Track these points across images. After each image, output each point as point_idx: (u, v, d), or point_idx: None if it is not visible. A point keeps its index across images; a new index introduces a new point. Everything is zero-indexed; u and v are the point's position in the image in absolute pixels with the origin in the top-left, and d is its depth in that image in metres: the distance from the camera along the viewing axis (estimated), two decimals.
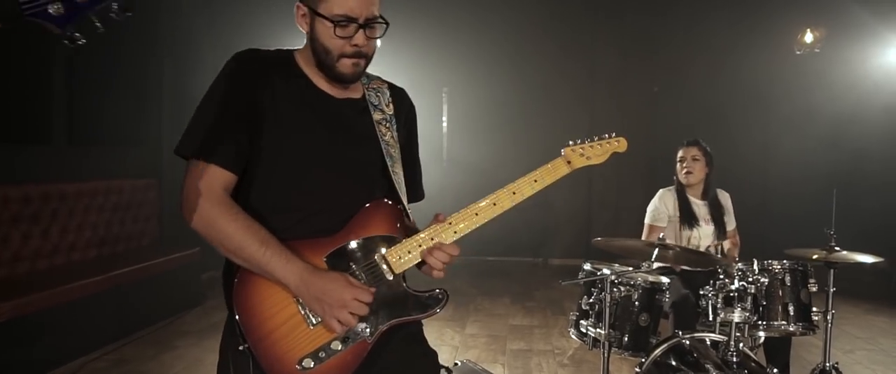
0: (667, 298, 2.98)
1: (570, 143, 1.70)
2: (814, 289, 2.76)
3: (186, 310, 5.04)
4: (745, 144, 7.24)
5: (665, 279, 3.03)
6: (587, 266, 2.99)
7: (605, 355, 2.74)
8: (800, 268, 2.73)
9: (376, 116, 1.59)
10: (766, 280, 2.66)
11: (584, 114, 7.78)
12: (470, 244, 6.78)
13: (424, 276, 1.60)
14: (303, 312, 1.43)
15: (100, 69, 4.90)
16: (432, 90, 7.73)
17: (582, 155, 1.70)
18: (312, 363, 1.41)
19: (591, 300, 2.88)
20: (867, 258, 2.84)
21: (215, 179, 1.42)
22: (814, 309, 2.75)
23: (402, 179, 1.62)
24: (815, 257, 2.82)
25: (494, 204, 1.58)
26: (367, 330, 1.45)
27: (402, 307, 1.49)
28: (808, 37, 6.49)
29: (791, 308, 2.64)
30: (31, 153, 4.43)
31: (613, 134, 1.76)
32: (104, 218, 4.85)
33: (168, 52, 5.72)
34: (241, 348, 1.41)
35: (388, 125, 1.61)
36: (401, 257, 1.50)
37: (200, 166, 1.42)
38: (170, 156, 5.85)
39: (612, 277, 2.73)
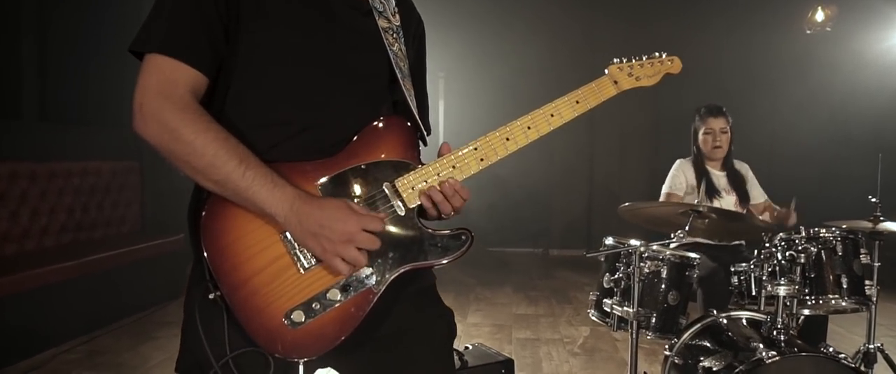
0: (697, 273, 2.71)
1: (615, 60, 1.41)
2: (866, 260, 2.49)
3: (169, 300, 4.71)
4: (752, 120, 6.98)
5: (694, 255, 2.77)
6: (609, 240, 2.71)
7: (634, 335, 2.46)
8: (851, 236, 2.46)
9: (382, 23, 1.27)
10: (815, 250, 2.39)
11: None
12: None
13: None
14: (291, 252, 1.12)
15: (75, 39, 4.57)
16: (430, 75, 7.43)
17: (631, 75, 1.40)
18: (304, 317, 1.10)
19: (614, 277, 2.59)
20: None
21: (181, 78, 1.09)
22: (869, 282, 2.48)
23: (414, 96, 1.32)
24: (844, 226, 2.55)
25: (529, 128, 1.28)
26: (374, 277, 1.14)
27: (416, 250, 1.17)
28: (819, 15, 6.26)
29: (844, 280, 2.36)
30: (1, 128, 4.09)
31: (664, 54, 1.48)
32: (80, 201, 4.52)
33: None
34: (211, 296, 1.10)
35: (395, 36, 1.29)
36: (414, 187, 1.19)
37: (160, 62, 1.10)
38: None
39: (641, 248, 2.45)
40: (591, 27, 7.47)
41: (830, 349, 2.15)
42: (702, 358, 2.35)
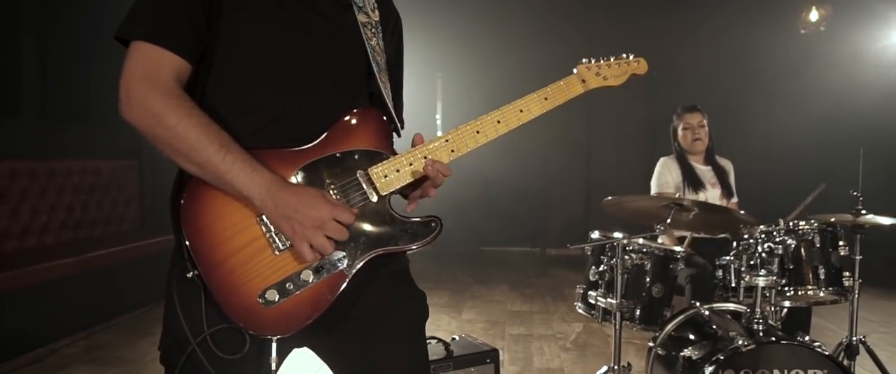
0: (681, 267, 2.76)
1: (584, 60, 1.46)
2: (844, 252, 2.53)
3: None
4: (747, 119, 7.03)
5: (679, 248, 2.81)
6: (595, 234, 2.76)
7: (617, 326, 2.51)
8: (829, 229, 2.51)
9: (361, 18, 1.32)
10: (794, 242, 2.44)
11: (580, 97, 7.56)
12: (464, 234, 6.55)
13: (425, 212, 1.33)
14: (267, 234, 1.16)
15: (75, 38, 4.63)
16: (426, 76, 7.51)
17: (598, 74, 1.46)
18: (277, 297, 1.15)
19: (600, 269, 2.65)
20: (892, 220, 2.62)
21: (165, 65, 1.14)
22: (847, 274, 2.52)
23: (390, 89, 1.36)
24: (832, 219, 2.60)
25: (498, 121, 1.32)
26: (345, 260, 1.18)
27: (387, 235, 1.22)
28: (814, 15, 6.30)
29: (821, 272, 2.41)
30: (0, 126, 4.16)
31: (632, 55, 1.53)
32: (80, 200, 4.58)
33: None
34: (189, 274, 1.14)
35: (373, 30, 1.34)
36: (387, 176, 1.24)
37: (145, 49, 1.15)
38: None
39: (624, 241, 2.50)
40: (589, 28, 7.52)
41: (806, 338, 2.20)
42: (683, 349, 2.40)
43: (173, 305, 1.19)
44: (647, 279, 2.65)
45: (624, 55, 1.52)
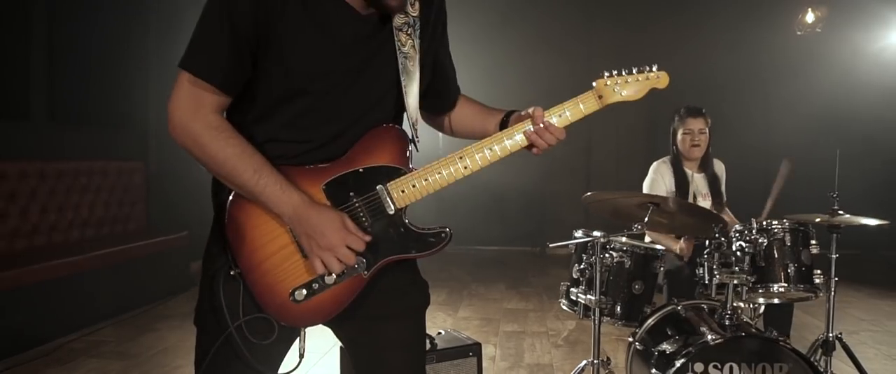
0: (662, 266, 2.85)
1: (605, 73, 1.45)
2: (815, 251, 2.61)
3: (172, 295, 4.91)
4: (744, 121, 7.08)
5: (660, 247, 2.90)
6: (579, 233, 2.85)
7: (596, 321, 2.60)
8: (801, 228, 2.59)
9: (397, 21, 1.39)
10: (766, 241, 2.52)
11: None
12: (465, 234, 6.61)
13: (428, 212, 1.44)
14: (296, 242, 1.34)
15: (83, 44, 4.78)
16: None
17: (616, 90, 1.45)
18: (305, 293, 1.34)
19: (581, 267, 2.75)
20: (871, 221, 2.70)
21: (208, 98, 1.29)
22: (818, 272, 2.60)
23: (416, 97, 1.44)
24: (817, 219, 2.68)
25: (508, 144, 1.42)
26: (364, 265, 1.36)
27: (402, 244, 1.39)
28: (810, 17, 6.35)
29: (791, 270, 2.49)
30: (8, 129, 4.31)
31: (654, 67, 1.47)
32: (87, 200, 4.73)
33: (153, 26, 5.56)
34: (232, 272, 1.33)
35: (410, 31, 1.41)
36: (404, 190, 1.38)
37: (193, 81, 1.28)
38: (157, 138, 5.74)
39: (603, 240, 2.60)
40: (589, 32, 7.60)
41: (773, 333, 2.28)
42: (659, 343, 2.49)
43: (218, 293, 1.35)
44: (628, 277, 2.75)
45: (646, 67, 1.48)
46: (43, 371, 3.43)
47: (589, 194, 2.64)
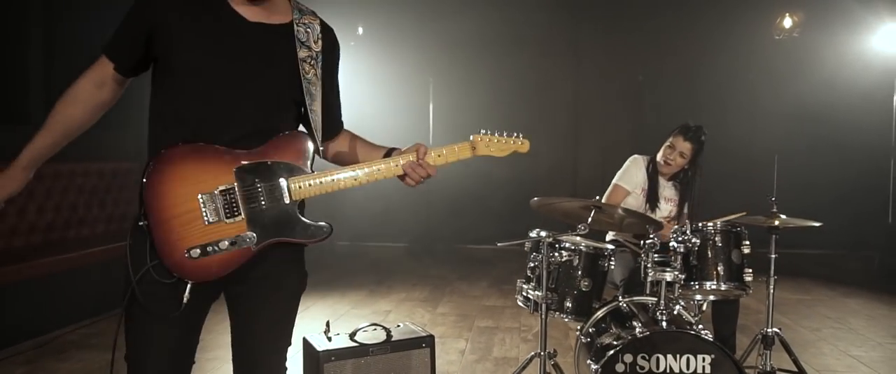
0: (611, 264, 3.01)
1: (482, 131, 1.79)
2: (747, 251, 2.78)
3: None
4: (725, 123, 7.20)
5: (610, 246, 3.07)
6: (533, 233, 3.03)
7: (543, 316, 2.78)
8: (734, 230, 2.76)
9: (302, 53, 1.68)
10: (698, 241, 2.70)
11: (568, 102, 7.83)
12: (452, 233, 6.81)
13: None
14: (202, 209, 1.56)
15: (79, 47, 4.99)
16: (419, 80, 7.80)
17: (487, 146, 1.80)
18: (199, 252, 1.56)
19: (532, 265, 2.93)
20: (806, 222, 2.87)
21: (101, 66, 1.69)
22: (748, 270, 2.77)
23: (320, 118, 1.73)
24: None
25: (396, 165, 1.71)
26: (254, 240, 1.59)
27: (289, 229, 1.63)
28: (787, 21, 6.50)
29: (721, 268, 2.67)
30: (7, 132, 4.53)
31: (521, 135, 1.84)
32: (83, 200, 4.94)
33: None
34: (140, 223, 1.55)
35: (313, 63, 1.69)
36: (301, 186, 1.63)
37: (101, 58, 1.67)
38: None
39: (549, 239, 2.78)
40: (574, 34, 7.78)
41: (699, 327, 2.46)
42: (601, 337, 2.67)
43: (126, 235, 1.62)
44: (577, 274, 2.92)
45: (515, 133, 1.84)
46: (37, 361, 3.66)
47: (535, 199, 2.82)
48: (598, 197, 2.80)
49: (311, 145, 1.67)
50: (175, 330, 1.63)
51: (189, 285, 1.58)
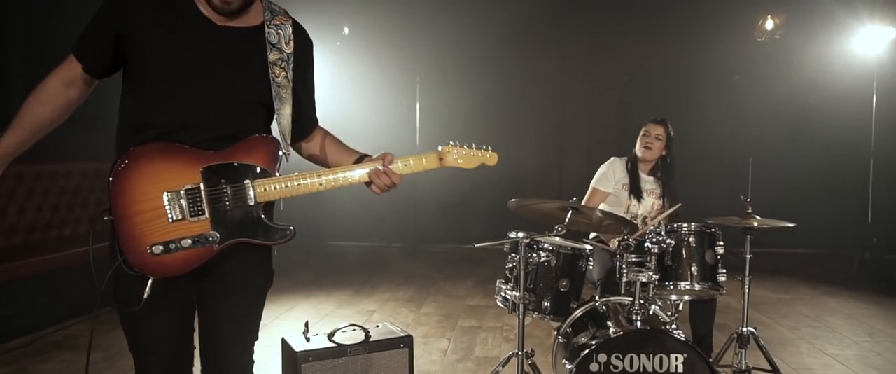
0: (590, 265, 3.05)
1: (450, 142, 1.80)
2: (721, 251, 2.82)
3: None
4: (706, 124, 7.28)
5: (588, 247, 3.11)
6: (511, 234, 3.06)
7: (521, 316, 2.81)
8: (708, 230, 2.81)
9: (273, 56, 1.69)
10: (673, 242, 2.74)
11: (554, 101, 7.87)
12: (439, 233, 6.83)
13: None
14: (167, 207, 1.58)
15: (59, 46, 4.97)
16: (405, 79, 7.81)
17: (456, 157, 1.81)
18: (161, 249, 1.58)
19: (510, 265, 2.96)
20: (780, 223, 2.91)
21: (70, 65, 1.69)
22: (722, 271, 2.81)
23: (289, 123, 1.73)
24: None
25: (367, 171, 1.73)
26: (217, 239, 1.62)
27: (252, 230, 1.67)
28: (769, 24, 6.57)
29: (695, 268, 2.71)
30: None
31: (490, 148, 1.85)
32: (65, 200, 4.93)
33: None
34: (105, 218, 1.60)
35: (284, 65, 1.70)
36: (266, 189, 1.65)
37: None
38: None
39: (526, 240, 2.81)
40: (560, 35, 7.82)
41: (673, 327, 2.50)
42: (578, 336, 2.71)
43: (90, 234, 1.64)
44: (555, 275, 2.96)
45: (484, 146, 1.86)
46: (18, 362, 3.65)
47: (513, 200, 2.85)
48: (574, 198, 2.83)
49: (278, 152, 1.69)
50: (165, 319, 1.68)
51: (151, 281, 1.59)
